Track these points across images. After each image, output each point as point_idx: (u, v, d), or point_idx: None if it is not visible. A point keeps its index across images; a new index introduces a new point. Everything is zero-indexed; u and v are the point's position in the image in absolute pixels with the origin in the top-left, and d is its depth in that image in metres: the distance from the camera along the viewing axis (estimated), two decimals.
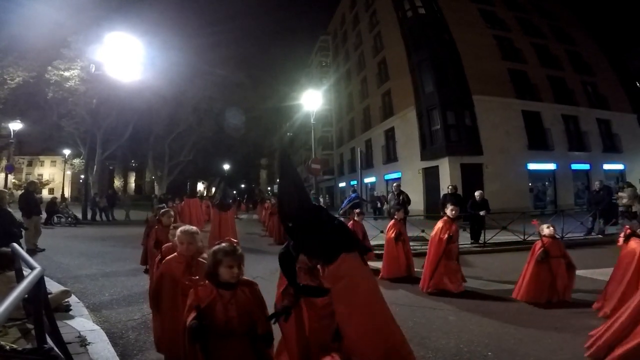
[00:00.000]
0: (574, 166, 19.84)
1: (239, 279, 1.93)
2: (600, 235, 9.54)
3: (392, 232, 6.07)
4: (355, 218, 6.47)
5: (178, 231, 2.59)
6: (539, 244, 4.55)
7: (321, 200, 15.59)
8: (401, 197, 10.19)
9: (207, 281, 1.95)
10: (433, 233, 5.31)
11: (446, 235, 5.03)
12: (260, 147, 41.78)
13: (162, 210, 4.76)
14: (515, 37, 21.41)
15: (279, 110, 37.49)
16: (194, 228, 2.62)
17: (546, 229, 4.62)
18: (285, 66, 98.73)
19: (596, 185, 11.04)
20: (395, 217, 6.36)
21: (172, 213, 4.66)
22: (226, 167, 37.91)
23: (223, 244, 1.95)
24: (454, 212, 5.27)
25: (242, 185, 52.99)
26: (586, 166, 20.18)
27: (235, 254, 1.91)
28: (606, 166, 20.63)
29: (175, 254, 2.58)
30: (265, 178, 70.35)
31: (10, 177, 32.00)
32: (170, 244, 3.03)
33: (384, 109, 24.09)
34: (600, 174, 19.48)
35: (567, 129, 20.09)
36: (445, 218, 5.34)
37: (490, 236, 8.96)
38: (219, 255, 1.89)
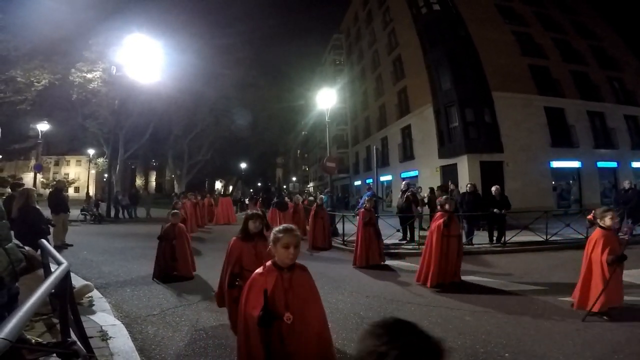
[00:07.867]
0: (600, 164, 19.03)
1: None
2: (628, 236, 9.13)
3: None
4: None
5: None
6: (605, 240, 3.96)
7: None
8: (405, 195, 9.69)
9: None
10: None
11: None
12: (275, 146, 42.11)
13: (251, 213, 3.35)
14: (535, 33, 20.66)
15: (294, 109, 37.71)
16: None
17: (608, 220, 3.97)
18: (299, 65, 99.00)
19: (625, 183, 10.61)
20: None
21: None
22: (243, 165, 38.37)
23: None
24: None
25: (259, 184, 53.53)
26: (613, 164, 19.33)
27: None
28: (635, 164, 19.70)
29: None
30: (281, 176, 70.85)
31: (39, 176, 33.46)
32: (261, 269, 1.98)
33: (400, 107, 23.77)
34: (628, 172, 18.63)
35: (592, 126, 19.28)
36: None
37: (510, 236, 8.72)
38: None
